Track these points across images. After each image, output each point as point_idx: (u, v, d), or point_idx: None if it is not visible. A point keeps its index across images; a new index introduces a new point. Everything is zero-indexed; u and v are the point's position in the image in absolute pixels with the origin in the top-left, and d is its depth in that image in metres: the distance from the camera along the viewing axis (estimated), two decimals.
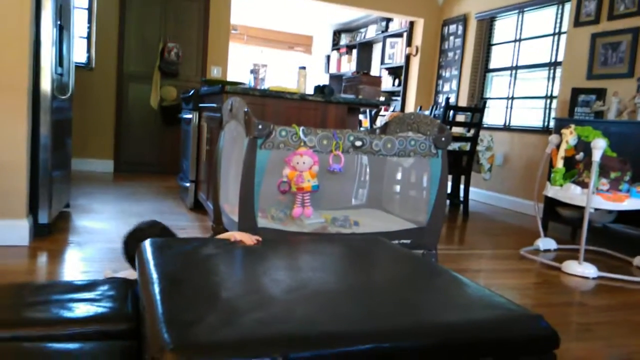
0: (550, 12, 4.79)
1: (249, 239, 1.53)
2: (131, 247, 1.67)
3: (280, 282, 1.18)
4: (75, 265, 2.32)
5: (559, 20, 4.68)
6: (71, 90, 2.98)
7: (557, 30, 4.70)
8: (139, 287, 1.17)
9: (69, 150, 3.32)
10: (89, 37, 5.16)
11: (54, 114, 2.69)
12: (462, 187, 4.65)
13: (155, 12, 5.38)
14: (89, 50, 5.17)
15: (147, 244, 1.39)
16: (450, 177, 4.76)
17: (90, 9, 5.05)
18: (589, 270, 2.76)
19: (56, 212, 2.89)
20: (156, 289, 1.07)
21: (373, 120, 5.63)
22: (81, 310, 1.20)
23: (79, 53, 5.06)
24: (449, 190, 4.78)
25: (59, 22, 2.69)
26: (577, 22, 4.32)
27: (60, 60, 2.79)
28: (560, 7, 4.65)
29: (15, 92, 2.41)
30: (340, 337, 0.94)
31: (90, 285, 1.36)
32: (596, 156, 2.77)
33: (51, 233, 2.74)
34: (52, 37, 2.58)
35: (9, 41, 2.37)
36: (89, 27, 5.11)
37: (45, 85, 2.58)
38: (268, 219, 2.35)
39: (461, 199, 4.53)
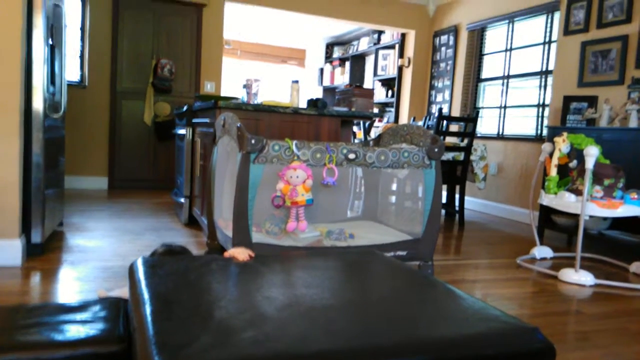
0: (540, 21, 4.84)
1: (241, 254, 1.51)
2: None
3: (274, 299, 1.17)
4: (69, 285, 2.29)
5: (548, 29, 4.73)
6: (63, 109, 2.98)
7: (547, 39, 4.74)
8: (130, 307, 1.15)
9: (62, 168, 3.31)
10: (81, 56, 5.17)
11: (47, 133, 2.69)
12: (457, 196, 4.66)
13: (148, 28, 5.40)
14: (82, 69, 5.19)
15: (138, 262, 1.38)
16: (445, 186, 4.77)
17: (82, 28, 5.07)
18: (586, 277, 2.76)
19: (49, 231, 2.87)
20: (147, 309, 1.05)
21: (367, 132, 5.64)
22: (72, 332, 1.18)
23: (72, 72, 5.07)
24: (444, 200, 4.78)
25: (50, 41, 2.70)
26: (566, 31, 4.36)
27: (52, 79, 2.79)
28: (550, 16, 4.70)
29: (7, 112, 2.40)
30: (334, 355, 0.92)
31: (81, 307, 1.35)
32: (589, 163, 2.78)
33: (44, 252, 2.72)
34: (44, 56, 2.58)
35: (0, 60, 2.37)
36: (82, 46, 5.14)
37: (38, 104, 2.58)
38: (262, 234, 2.34)
39: (456, 208, 4.54)
